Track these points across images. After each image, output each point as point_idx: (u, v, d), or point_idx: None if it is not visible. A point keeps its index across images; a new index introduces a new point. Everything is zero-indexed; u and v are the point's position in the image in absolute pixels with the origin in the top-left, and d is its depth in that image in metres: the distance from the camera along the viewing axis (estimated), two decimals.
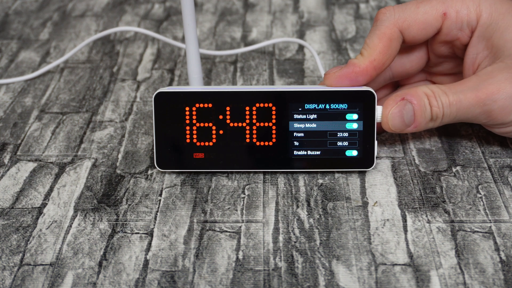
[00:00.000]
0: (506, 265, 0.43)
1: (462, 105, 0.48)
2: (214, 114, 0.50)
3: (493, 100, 0.48)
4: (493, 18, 0.50)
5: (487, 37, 0.50)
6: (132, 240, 0.46)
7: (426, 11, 0.50)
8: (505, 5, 0.50)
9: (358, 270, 0.43)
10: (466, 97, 0.48)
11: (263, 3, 0.83)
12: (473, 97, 0.48)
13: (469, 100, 0.48)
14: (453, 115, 0.49)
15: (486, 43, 0.50)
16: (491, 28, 0.50)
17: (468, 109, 0.49)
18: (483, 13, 0.50)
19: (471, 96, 0.48)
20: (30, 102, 0.63)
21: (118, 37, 0.76)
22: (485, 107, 0.48)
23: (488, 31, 0.50)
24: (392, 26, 0.50)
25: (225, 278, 0.43)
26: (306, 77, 0.66)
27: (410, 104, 0.49)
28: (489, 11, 0.50)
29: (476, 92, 0.48)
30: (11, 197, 0.50)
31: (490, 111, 0.48)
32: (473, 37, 0.50)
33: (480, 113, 0.49)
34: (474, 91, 0.48)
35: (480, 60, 0.51)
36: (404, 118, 0.49)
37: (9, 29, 0.78)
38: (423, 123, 0.49)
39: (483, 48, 0.50)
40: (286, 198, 0.50)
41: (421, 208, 0.48)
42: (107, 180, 0.52)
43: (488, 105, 0.48)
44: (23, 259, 0.45)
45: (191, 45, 0.53)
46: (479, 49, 0.50)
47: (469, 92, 0.48)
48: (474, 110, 0.49)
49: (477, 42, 0.50)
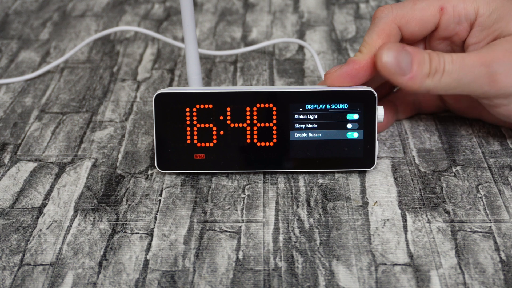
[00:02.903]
0: (506, 265, 0.43)
1: (465, 63, 0.47)
2: (214, 114, 0.50)
3: (498, 63, 0.47)
4: (492, 8, 0.50)
5: (488, 25, 0.50)
6: (132, 240, 0.46)
7: (424, 7, 0.51)
8: None
9: (358, 270, 0.43)
10: (470, 57, 0.48)
11: (263, 3, 0.83)
12: (477, 57, 0.48)
13: (473, 59, 0.47)
14: (455, 73, 0.47)
15: (488, 31, 0.50)
16: (492, 16, 0.50)
17: (471, 68, 0.47)
18: (480, 5, 0.50)
19: (475, 56, 0.48)
20: (30, 102, 0.63)
21: (118, 37, 0.76)
22: (489, 68, 0.47)
23: (490, 20, 0.50)
24: (390, 23, 0.50)
25: (225, 278, 0.43)
26: (306, 77, 0.66)
27: (409, 53, 0.48)
28: (486, 2, 0.50)
29: (481, 54, 0.48)
30: (11, 197, 0.50)
31: (495, 73, 0.47)
32: (474, 27, 0.50)
33: (484, 75, 0.47)
34: (479, 53, 0.48)
35: (481, 47, 0.51)
36: (400, 62, 0.47)
37: (9, 29, 0.78)
38: (420, 75, 0.47)
39: (484, 36, 0.50)
40: (286, 198, 0.50)
41: (421, 208, 0.48)
42: (107, 180, 0.52)
43: (493, 67, 0.47)
44: (23, 259, 0.45)
45: (190, 46, 0.53)
46: (481, 38, 0.51)
47: (474, 54, 0.48)
48: (478, 70, 0.47)
49: (477, 33, 0.51)
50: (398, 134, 0.56)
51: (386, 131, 0.57)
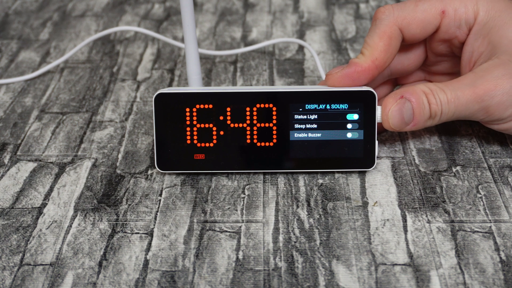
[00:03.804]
0: (506, 265, 0.43)
1: (460, 102, 0.49)
2: (214, 115, 0.50)
3: (491, 96, 0.48)
4: (490, 16, 0.50)
5: (484, 34, 0.50)
6: (132, 240, 0.46)
7: (425, 9, 0.51)
8: (502, 3, 0.50)
9: (358, 270, 0.43)
10: (464, 94, 0.49)
11: (263, 3, 0.83)
12: (471, 93, 0.48)
13: (466, 96, 0.49)
14: (452, 112, 0.49)
15: (483, 40, 0.50)
16: (488, 25, 0.50)
17: (466, 106, 0.49)
18: (480, 11, 0.50)
19: (469, 92, 0.48)
20: (30, 102, 0.63)
21: (118, 37, 0.76)
22: (482, 103, 0.48)
23: (485, 28, 0.50)
24: (391, 25, 0.50)
25: (225, 278, 0.43)
26: (306, 77, 0.66)
27: (409, 102, 0.49)
28: (486, 9, 0.50)
29: (473, 88, 0.48)
30: (11, 197, 0.50)
31: (488, 107, 0.49)
32: (470, 34, 0.51)
33: (478, 110, 0.49)
34: (471, 87, 0.49)
35: (476, 57, 0.51)
36: (404, 116, 0.49)
37: (9, 29, 0.78)
38: (422, 121, 0.50)
39: (479, 45, 0.50)
40: (286, 198, 0.50)
41: (421, 208, 0.48)
42: (107, 180, 0.52)
43: (485, 101, 0.48)
44: (23, 259, 0.45)
45: (190, 46, 0.53)
46: (476, 46, 0.51)
47: (467, 89, 0.49)
48: (472, 107, 0.49)
49: (474, 39, 0.51)
50: (398, 134, 0.56)
51: (386, 131, 0.57)
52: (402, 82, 0.58)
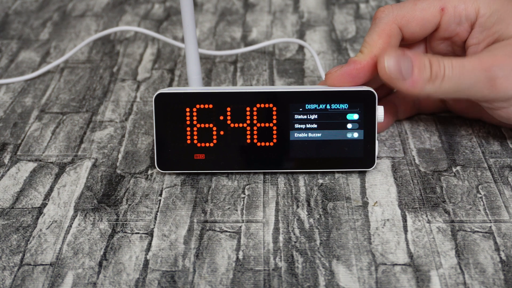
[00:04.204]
0: (506, 265, 0.43)
1: (464, 68, 0.47)
2: (214, 114, 0.50)
3: (499, 68, 0.47)
4: (492, 8, 0.50)
5: (489, 26, 0.50)
6: (132, 240, 0.46)
7: (424, 8, 0.51)
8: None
9: (358, 270, 0.43)
10: (469, 61, 0.48)
11: (263, 3, 0.83)
12: (477, 62, 0.48)
13: (473, 64, 0.48)
14: (455, 78, 0.48)
15: (488, 33, 0.50)
16: (492, 17, 0.50)
17: (471, 73, 0.47)
18: (481, 6, 0.50)
19: (475, 61, 0.48)
20: (30, 102, 0.63)
21: (118, 37, 0.76)
22: (490, 72, 0.47)
23: (490, 20, 0.50)
24: (391, 23, 0.51)
25: (225, 278, 0.43)
26: (306, 77, 0.66)
27: (410, 58, 0.48)
28: (487, 2, 0.50)
29: (480, 59, 0.48)
30: (11, 197, 0.50)
31: (495, 78, 0.47)
32: (475, 27, 0.51)
33: (483, 80, 0.47)
34: (478, 58, 0.48)
35: (482, 48, 0.51)
36: (401, 67, 0.48)
37: (9, 29, 0.78)
38: (421, 81, 0.48)
39: (484, 38, 0.50)
40: (286, 198, 0.50)
41: (421, 208, 0.48)
42: (107, 180, 0.52)
43: (493, 71, 0.47)
44: (23, 259, 0.45)
45: (190, 46, 0.53)
46: (480, 39, 0.51)
47: (474, 58, 0.48)
48: (478, 75, 0.47)
49: (478, 33, 0.51)
50: (398, 134, 0.56)
51: (386, 131, 0.57)
52: None
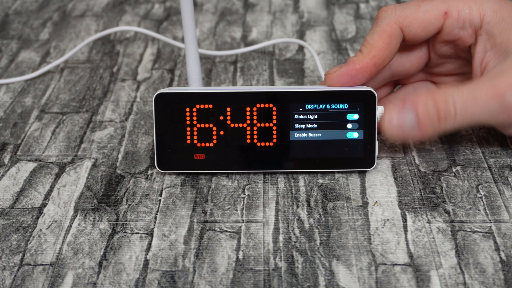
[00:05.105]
0: (506, 265, 0.43)
1: (478, 99, 0.46)
2: (214, 115, 0.50)
3: None
4: (499, 16, 0.49)
5: (495, 35, 0.49)
6: (132, 240, 0.46)
7: (427, 10, 0.50)
8: (510, 5, 0.50)
9: (358, 270, 0.43)
10: (482, 90, 0.46)
11: (263, 3, 0.83)
12: (491, 90, 0.46)
13: (486, 94, 0.46)
14: (469, 113, 0.46)
15: (494, 41, 0.50)
16: (499, 25, 0.49)
17: (485, 103, 0.46)
18: (487, 12, 0.49)
19: (489, 89, 0.46)
20: (30, 102, 0.63)
21: (118, 37, 0.76)
22: (504, 99, 0.46)
23: (496, 29, 0.49)
24: (392, 24, 0.50)
25: (225, 278, 0.43)
26: (306, 77, 0.66)
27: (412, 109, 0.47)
28: (493, 10, 0.49)
29: (493, 86, 0.46)
30: (11, 197, 0.50)
31: (509, 105, 0.46)
32: (480, 35, 0.50)
33: (498, 110, 0.46)
34: (490, 84, 0.46)
35: (488, 59, 0.50)
36: (405, 123, 0.47)
37: (9, 29, 0.78)
38: (430, 127, 0.47)
39: (491, 46, 0.50)
40: (286, 198, 0.50)
41: (421, 208, 0.48)
42: (107, 180, 0.52)
43: (506, 97, 0.46)
44: (23, 259, 0.45)
45: (190, 46, 0.53)
46: (487, 48, 0.50)
47: (485, 85, 0.46)
48: (492, 105, 0.46)
49: (485, 40, 0.50)
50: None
51: None
52: (403, 82, 0.58)
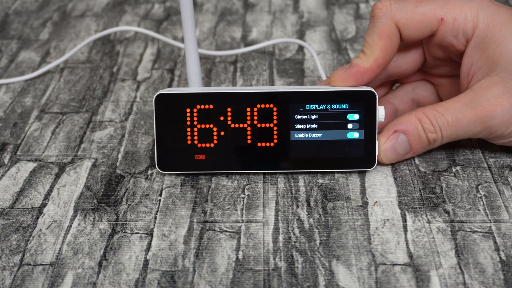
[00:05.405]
0: (506, 265, 0.43)
1: (461, 124, 0.49)
2: (215, 115, 0.50)
3: (493, 117, 0.49)
4: (489, 30, 0.49)
5: (483, 48, 0.49)
6: (132, 240, 0.46)
7: (424, 12, 0.50)
8: (502, 16, 0.49)
9: (358, 270, 0.43)
10: (465, 116, 0.49)
11: (263, 3, 0.83)
12: (472, 115, 0.49)
13: (468, 118, 0.49)
14: (454, 134, 0.50)
15: (482, 54, 0.50)
16: (487, 39, 0.49)
17: (468, 128, 0.49)
18: (479, 23, 0.49)
19: (470, 114, 0.49)
20: (30, 102, 0.63)
21: (118, 37, 0.76)
22: (484, 124, 0.49)
23: (484, 43, 0.49)
24: (389, 23, 0.50)
25: (225, 278, 0.43)
26: (306, 77, 0.66)
27: (404, 135, 0.50)
28: (486, 22, 0.49)
29: (474, 110, 0.49)
30: (11, 197, 0.50)
31: (490, 127, 0.49)
32: (469, 47, 0.50)
33: (480, 130, 0.50)
34: (472, 108, 0.49)
35: (474, 71, 0.50)
36: (398, 149, 0.51)
37: (9, 29, 0.78)
38: (421, 149, 0.51)
39: (478, 58, 0.50)
40: (286, 198, 0.50)
41: (421, 208, 0.48)
42: (107, 180, 0.52)
43: (487, 122, 0.49)
44: (23, 259, 0.45)
45: (190, 46, 0.53)
46: (475, 59, 0.50)
47: (467, 110, 0.49)
48: (474, 128, 0.49)
49: (473, 52, 0.50)
50: None
51: None
52: (400, 81, 0.58)
